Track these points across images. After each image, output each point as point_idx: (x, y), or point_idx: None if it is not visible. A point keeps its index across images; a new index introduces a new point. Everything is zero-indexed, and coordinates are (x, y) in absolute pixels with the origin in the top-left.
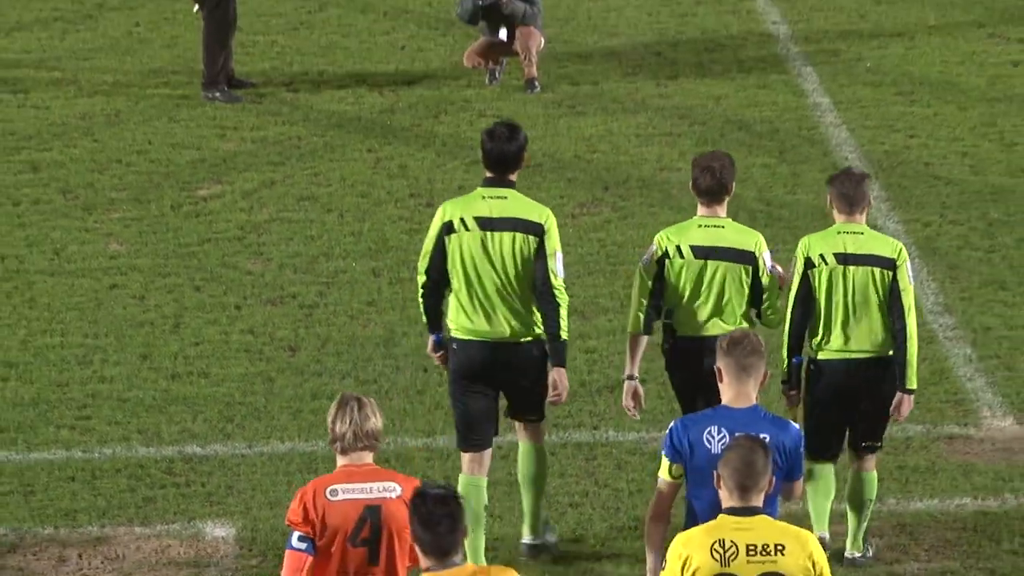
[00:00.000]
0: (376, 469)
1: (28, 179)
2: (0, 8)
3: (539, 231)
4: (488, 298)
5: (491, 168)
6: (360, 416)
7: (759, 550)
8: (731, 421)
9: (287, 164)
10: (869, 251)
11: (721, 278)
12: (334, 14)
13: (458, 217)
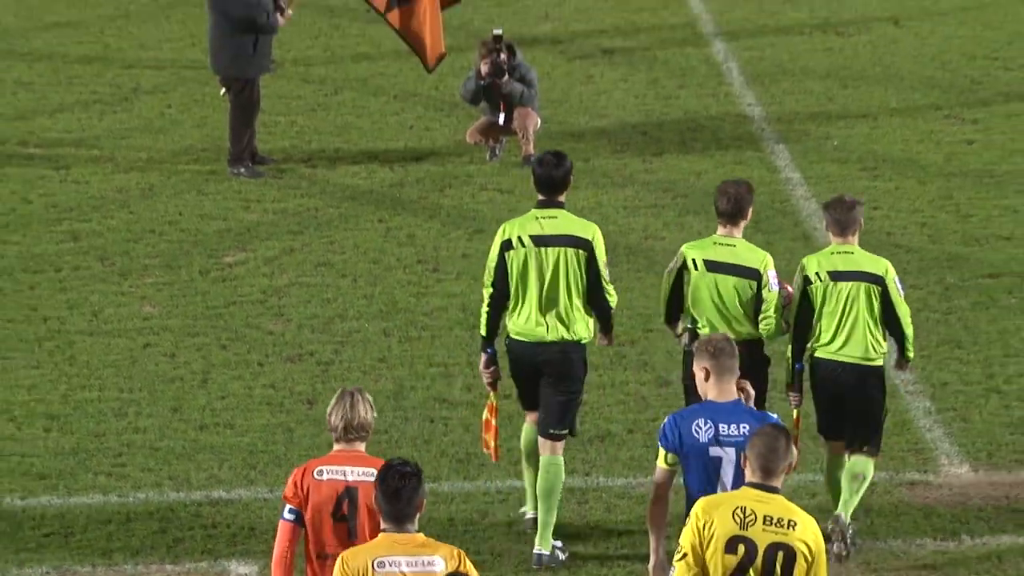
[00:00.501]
0: (362, 455)
1: (69, 247)
2: (44, 92)
3: (588, 246)
4: (540, 305)
5: (542, 191)
6: (351, 411)
7: (775, 521)
8: (716, 414)
9: (305, 233)
10: (859, 268)
11: (730, 290)
12: (348, 97)
13: (516, 235)
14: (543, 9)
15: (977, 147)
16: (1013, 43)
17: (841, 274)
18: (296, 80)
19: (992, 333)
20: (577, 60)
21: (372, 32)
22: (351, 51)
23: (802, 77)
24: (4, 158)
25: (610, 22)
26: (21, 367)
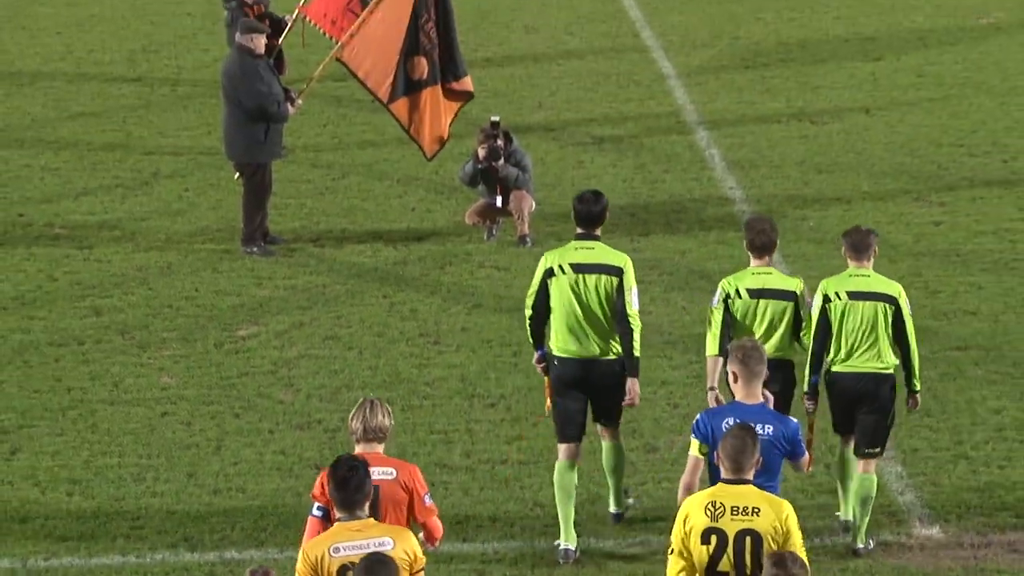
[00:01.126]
0: (380, 456)
1: (92, 322)
2: (69, 176)
3: (619, 273)
4: (580, 325)
5: (581, 225)
6: (370, 415)
7: (741, 511)
8: (743, 414)
9: (314, 308)
10: (874, 290)
11: (771, 312)
12: (355, 181)
13: (556, 264)
14: (537, 99)
15: (944, 228)
16: (977, 131)
17: (858, 294)
18: (306, 165)
19: (960, 403)
20: (569, 146)
21: (377, 121)
22: (357, 138)
23: (780, 163)
24: (32, 238)
25: (599, 111)
26: (45, 435)
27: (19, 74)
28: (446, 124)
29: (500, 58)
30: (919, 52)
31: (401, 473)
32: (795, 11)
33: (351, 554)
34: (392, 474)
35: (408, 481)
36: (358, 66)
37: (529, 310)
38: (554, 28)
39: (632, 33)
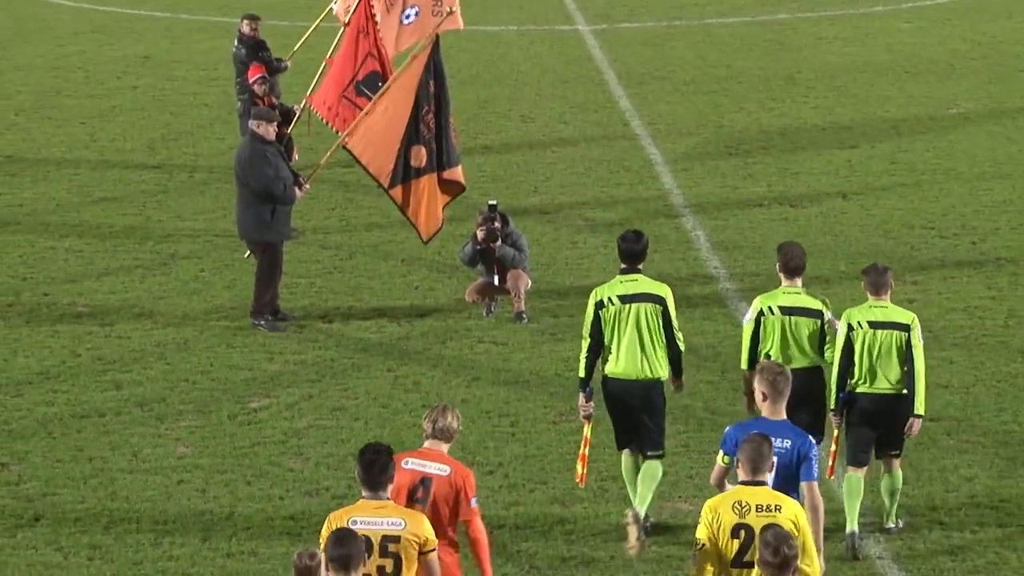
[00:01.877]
0: (442, 454)
1: (112, 395)
2: (92, 258)
3: (663, 301)
4: (628, 349)
5: (625, 261)
6: (439, 417)
7: (764, 508)
8: (767, 428)
9: (322, 381)
10: (892, 319)
11: (800, 328)
12: (361, 261)
13: (606, 296)
14: (533, 184)
15: (917, 306)
16: (947, 215)
17: (878, 323)
18: (315, 246)
19: (933, 471)
20: (563, 228)
21: (382, 205)
22: (364, 221)
23: (761, 244)
24: (56, 316)
25: (591, 196)
26: (68, 502)
27: (45, 161)
28: (441, 212)
29: (498, 145)
30: (892, 140)
31: (455, 473)
32: (775, 101)
33: (367, 528)
34: (446, 471)
35: (458, 481)
36: (362, 153)
37: (586, 340)
38: (549, 117)
39: (622, 122)
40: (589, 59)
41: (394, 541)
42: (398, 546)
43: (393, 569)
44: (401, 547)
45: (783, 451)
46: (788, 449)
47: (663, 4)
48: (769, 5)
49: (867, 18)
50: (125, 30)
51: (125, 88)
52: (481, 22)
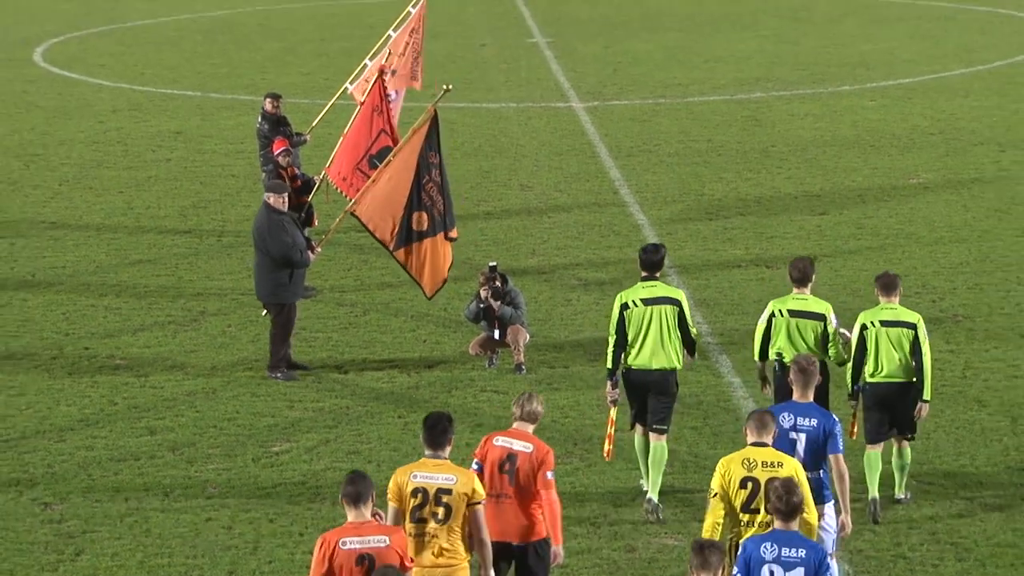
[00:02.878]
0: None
1: (146, 440)
2: (129, 315)
3: (678, 303)
4: (650, 344)
5: (645, 269)
6: (527, 402)
7: (769, 464)
8: (796, 410)
9: (338, 427)
10: (901, 319)
11: (806, 329)
12: (374, 317)
13: (630, 299)
14: (531, 246)
15: None
16: (909, 276)
17: (889, 322)
18: (332, 304)
19: (897, 510)
20: (558, 287)
21: (393, 266)
22: (376, 281)
23: (739, 301)
24: (95, 369)
25: (584, 257)
26: (106, 538)
27: (86, 227)
28: (445, 269)
29: (499, 211)
30: (858, 207)
31: (537, 450)
32: (752, 172)
33: (425, 481)
34: (530, 448)
35: (539, 458)
36: (368, 219)
37: (612, 337)
38: (545, 186)
39: (612, 191)
40: (582, 133)
41: (447, 493)
42: (450, 498)
43: (444, 516)
44: (452, 498)
45: (811, 428)
46: (815, 427)
47: (649, 83)
48: (746, 85)
49: (835, 97)
50: (159, 108)
51: (159, 160)
52: (483, 100)
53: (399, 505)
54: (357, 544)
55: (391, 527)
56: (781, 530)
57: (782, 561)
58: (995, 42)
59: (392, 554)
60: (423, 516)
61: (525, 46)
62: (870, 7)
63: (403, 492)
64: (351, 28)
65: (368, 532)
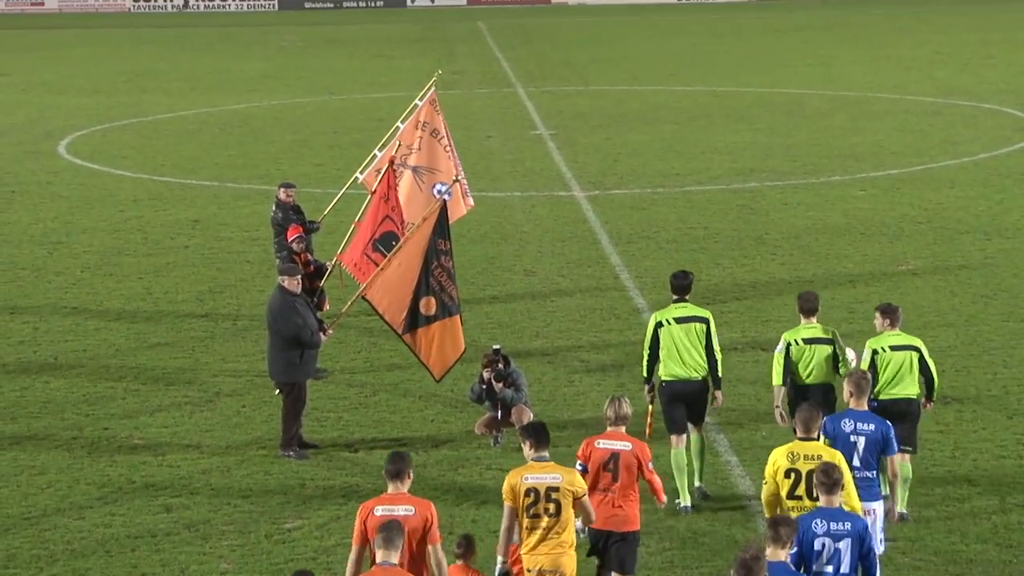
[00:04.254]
0: (623, 435)
1: (163, 517)
2: (146, 396)
3: (707, 321)
4: (681, 357)
5: (676, 292)
6: (619, 406)
7: (812, 457)
8: (855, 416)
9: (349, 504)
10: (907, 343)
11: (819, 353)
12: (383, 398)
13: (664, 318)
14: (535, 330)
15: None
16: None
17: (897, 347)
18: (343, 385)
19: None
20: (561, 369)
21: (402, 349)
22: (386, 363)
23: (736, 383)
24: (114, 448)
25: (586, 340)
26: None
27: (107, 312)
28: (453, 352)
29: (504, 296)
30: (850, 292)
31: (634, 447)
32: (747, 259)
33: (536, 482)
34: (629, 447)
35: (638, 454)
36: (379, 303)
37: (646, 351)
38: (548, 271)
39: (613, 276)
40: (584, 221)
41: (555, 491)
42: (558, 494)
43: (554, 510)
44: (560, 494)
45: (870, 432)
46: (873, 431)
47: (648, 173)
48: (741, 175)
49: (826, 186)
50: (178, 197)
51: (178, 247)
52: (489, 189)
53: (513, 504)
54: (386, 511)
55: (421, 500)
56: (826, 507)
57: (831, 534)
58: (979, 135)
59: (417, 521)
60: (537, 512)
61: (529, 138)
62: (859, 102)
63: (516, 492)
64: (362, 121)
65: (399, 502)
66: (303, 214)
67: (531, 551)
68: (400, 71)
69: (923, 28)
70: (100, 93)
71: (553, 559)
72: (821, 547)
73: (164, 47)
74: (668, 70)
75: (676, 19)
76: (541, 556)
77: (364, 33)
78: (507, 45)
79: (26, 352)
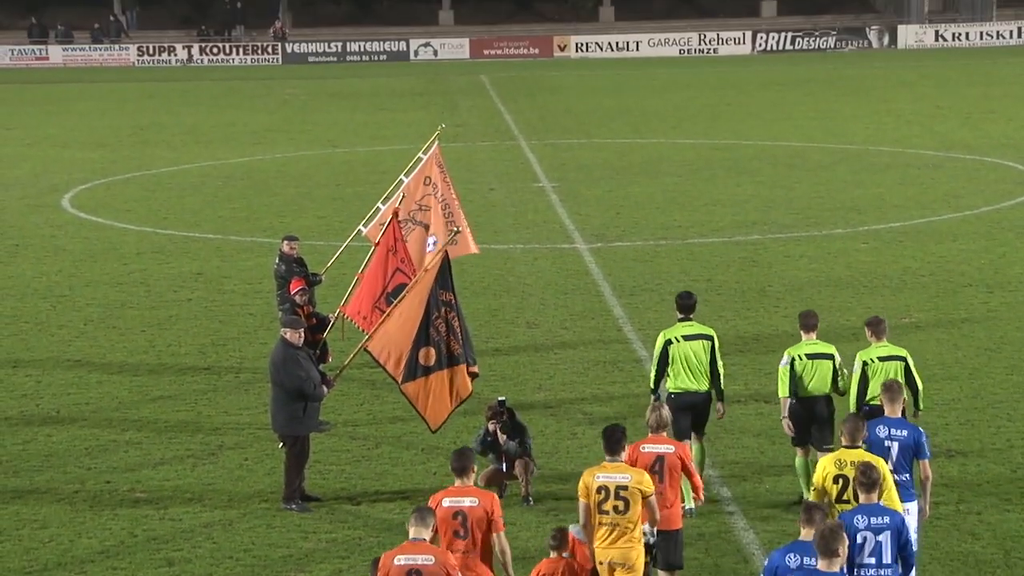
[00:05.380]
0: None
1: (165, 571)
2: (149, 449)
3: (711, 339)
4: (690, 371)
5: (681, 312)
6: (660, 413)
7: (855, 464)
8: (889, 423)
9: (351, 557)
10: (894, 354)
11: (820, 368)
12: (386, 450)
13: (673, 336)
14: (538, 382)
15: None
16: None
17: (885, 358)
18: (345, 437)
19: None
20: (564, 421)
21: (404, 401)
22: (388, 415)
23: (740, 434)
24: (116, 501)
25: (589, 392)
26: None
27: (110, 364)
28: (450, 404)
29: (507, 348)
30: (853, 346)
31: (677, 449)
32: (750, 311)
33: (606, 480)
34: (672, 449)
35: (682, 456)
36: (379, 353)
37: (655, 366)
38: (551, 324)
39: (616, 328)
40: (587, 273)
41: (624, 489)
42: (627, 492)
43: (623, 508)
44: (629, 493)
45: (903, 437)
46: (907, 436)
47: (651, 226)
48: (744, 227)
49: (829, 239)
50: (181, 250)
51: (181, 300)
52: (492, 241)
53: (587, 500)
54: (453, 503)
55: (485, 492)
56: (866, 503)
57: (872, 527)
58: (981, 188)
59: (480, 511)
60: (606, 508)
61: (532, 190)
62: (860, 155)
63: (590, 490)
64: (365, 174)
65: (465, 494)
66: (306, 266)
67: (602, 545)
68: (403, 124)
69: (924, 83)
70: (104, 147)
71: (623, 553)
72: (863, 540)
73: (168, 101)
74: (670, 123)
75: (678, 72)
76: (612, 550)
77: (367, 86)
78: (510, 98)
79: (28, 405)
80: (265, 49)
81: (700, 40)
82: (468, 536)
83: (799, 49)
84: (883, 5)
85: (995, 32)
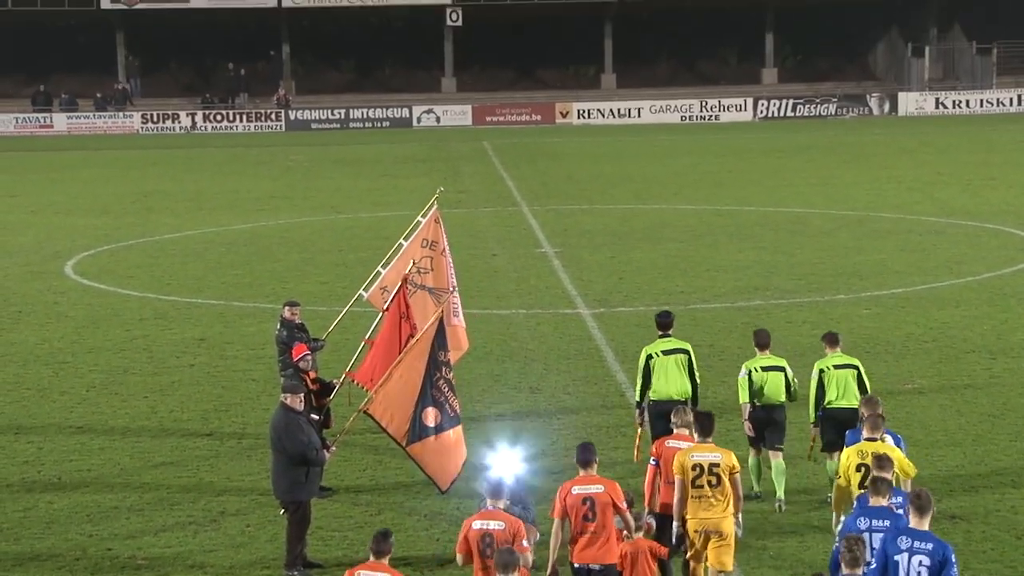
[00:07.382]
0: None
1: None
2: (151, 515)
3: (688, 352)
4: (670, 382)
5: (660, 329)
6: (684, 414)
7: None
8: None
9: None
10: (847, 362)
11: (774, 380)
12: (388, 516)
13: (654, 351)
14: (540, 448)
15: None
16: None
17: (839, 366)
18: (347, 503)
19: None
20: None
21: (407, 466)
22: (391, 481)
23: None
24: (117, 568)
25: None
26: None
27: (112, 430)
28: (458, 462)
29: (510, 413)
30: None
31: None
32: None
33: (700, 459)
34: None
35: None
36: (381, 416)
37: (639, 380)
38: (554, 389)
39: (619, 393)
40: (589, 338)
41: (716, 466)
42: (719, 469)
43: (716, 482)
44: (721, 470)
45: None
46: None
47: (654, 291)
48: (746, 293)
49: (831, 305)
50: (184, 316)
51: (183, 366)
52: (494, 307)
53: (683, 477)
54: (582, 490)
55: (608, 480)
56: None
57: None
58: (983, 255)
59: (606, 497)
60: (701, 483)
61: (534, 256)
62: (862, 221)
63: (685, 467)
64: (368, 240)
65: (591, 483)
66: (307, 332)
67: (696, 516)
68: (405, 190)
69: (924, 150)
70: (108, 214)
71: (716, 523)
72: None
73: (172, 168)
74: (672, 189)
75: (680, 139)
76: (706, 520)
77: (370, 153)
78: (512, 164)
79: (30, 472)
80: (268, 116)
81: (702, 107)
82: (596, 519)
83: (800, 116)
84: (883, 72)
85: (995, 99)
